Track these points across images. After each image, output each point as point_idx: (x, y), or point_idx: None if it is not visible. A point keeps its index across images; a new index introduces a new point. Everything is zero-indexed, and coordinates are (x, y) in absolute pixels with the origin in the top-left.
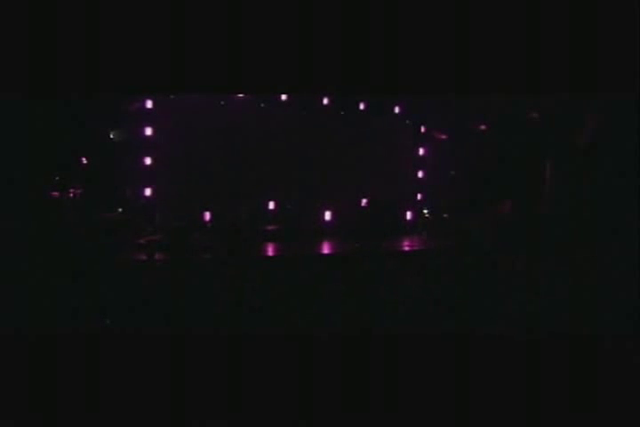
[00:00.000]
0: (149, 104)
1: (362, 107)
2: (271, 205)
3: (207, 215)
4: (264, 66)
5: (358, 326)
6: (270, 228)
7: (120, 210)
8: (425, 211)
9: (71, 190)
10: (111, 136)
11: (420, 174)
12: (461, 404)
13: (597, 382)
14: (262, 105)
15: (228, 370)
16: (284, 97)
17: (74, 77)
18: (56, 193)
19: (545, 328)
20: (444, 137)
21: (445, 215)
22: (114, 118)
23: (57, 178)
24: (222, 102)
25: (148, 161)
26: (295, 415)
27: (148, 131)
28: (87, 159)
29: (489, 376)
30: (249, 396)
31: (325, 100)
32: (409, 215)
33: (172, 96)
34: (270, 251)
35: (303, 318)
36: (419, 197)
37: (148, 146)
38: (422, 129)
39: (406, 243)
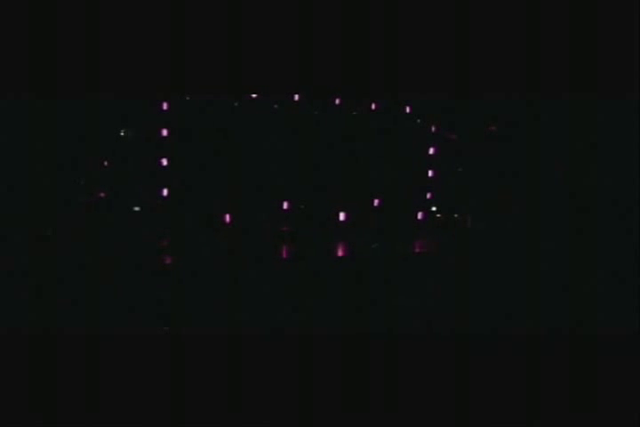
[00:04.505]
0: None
1: (373, 106)
2: (285, 206)
3: (227, 217)
4: (264, 66)
5: (364, 328)
6: (284, 229)
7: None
8: (434, 209)
9: (95, 193)
10: (121, 134)
11: (431, 174)
12: (461, 404)
13: (597, 382)
14: (275, 106)
15: (228, 370)
16: (296, 97)
17: (73, 78)
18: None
19: (545, 328)
20: (454, 137)
21: (456, 215)
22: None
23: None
24: (236, 103)
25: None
26: (295, 415)
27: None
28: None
29: (489, 376)
30: (249, 396)
31: (337, 100)
32: (420, 215)
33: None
34: (284, 252)
35: (311, 319)
36: (428, 196)
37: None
38: (433, 129)
39: (418, 244)
